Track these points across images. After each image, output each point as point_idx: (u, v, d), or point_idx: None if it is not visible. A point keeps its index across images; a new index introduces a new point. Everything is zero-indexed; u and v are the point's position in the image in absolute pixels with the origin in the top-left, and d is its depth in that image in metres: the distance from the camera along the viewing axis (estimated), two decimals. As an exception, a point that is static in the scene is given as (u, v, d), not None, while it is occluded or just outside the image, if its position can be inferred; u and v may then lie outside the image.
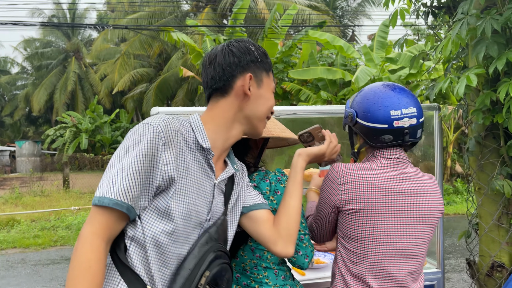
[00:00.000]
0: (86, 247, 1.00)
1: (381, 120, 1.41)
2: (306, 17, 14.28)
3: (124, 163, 1.05)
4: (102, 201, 1.02)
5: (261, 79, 1.28)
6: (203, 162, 1.20)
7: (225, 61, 1.24)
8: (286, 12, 10.67)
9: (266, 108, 1.29)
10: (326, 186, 1.46)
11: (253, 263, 1.46)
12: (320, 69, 8.92)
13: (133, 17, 16.51)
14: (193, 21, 11.68)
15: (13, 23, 8.23)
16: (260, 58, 1.28)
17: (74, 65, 27.67)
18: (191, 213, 1.13)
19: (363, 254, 1.40)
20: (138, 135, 1.08)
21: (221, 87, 1.24)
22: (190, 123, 1.22)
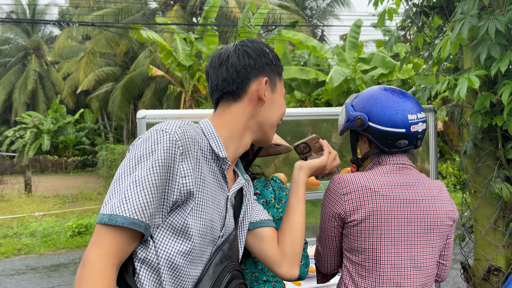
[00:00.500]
0: (96, 275, 0.87)
1: (399, 125, 1.36)
2: (277, 16, 14.26)
3: (137, 175, 0.92)
4: (115, 220, 0.88)
5: (275, 84, 1.20)
6: (218, 173, 1.10)
7: (239, 62, 1.15)
8: (258, 11, 10.59)
9: (279, 114, 1.22)
10: (328, 198, 1.39)
11: (255, 277, 1.41)
12: (293, 69, 8.89)
13: (98, 14, 15.95)
14: (162, 19, 11.39)
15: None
16: (275, 61, 1.20)
17: (34, 63, 26.52)
18: (207, 230, 1.03)
19: (371, 266, 1.33)
20: (152, 143, 0.95)
21: (234, 91, 1.14)
22: (202, 130, 1.11)
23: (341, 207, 1.33)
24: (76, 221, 8.00)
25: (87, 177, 17.44)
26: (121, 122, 22.85)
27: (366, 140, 1.46)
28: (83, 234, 7.67)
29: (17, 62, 27.74)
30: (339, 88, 8.52)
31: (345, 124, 1.49)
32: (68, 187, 14.27)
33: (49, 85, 27.36)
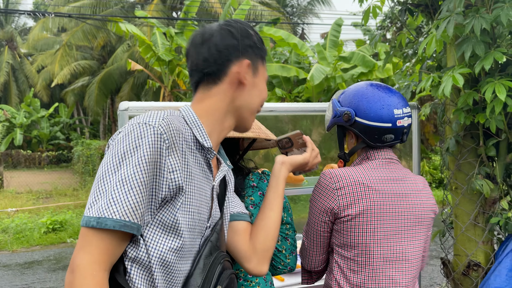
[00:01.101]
0: (87, 281, 0.82)
1: (385, 119, 1.37)
2: (259, 13, 14.23)
3: (124, 173, 0.86)
4: (104, 223, 0.83)
5: (257, 68, 1.14)
6: (203, 163, 1.05)
7: (222, 42, 1.08)
8: (240, 7, 10.53)
9: (260, 100, 1.16)
10: (320, 193, 1.37)
11: None
12: (274, 66, 8.89)
13: (75, 5, 15.54)
14: (142, 12, 11.20)
15: None
16: (258, 44, 1.14)
17: (7, 55, 25.68)
18: (195, 223, 0.99)
19: (364, 261, 1.33)
20: (136, 138, 0.89)
21: (214, 72, 1.08)
22: (184, 118, 1.05)
23: (335, 202, 1.33)
24: (50, 217, 7.79)
25: (61, 173, 17.04)
26: (97, 117, 22.38)
27: (353, 135, 1.47)
28: (57, 231, 7.48)
29: (-11, 54, 26.86)
30: (319, 86, 8.56)
31: (332, 119, 1.49)
32: (42, 183, 13.90)
33: (22, 78, 26.57)
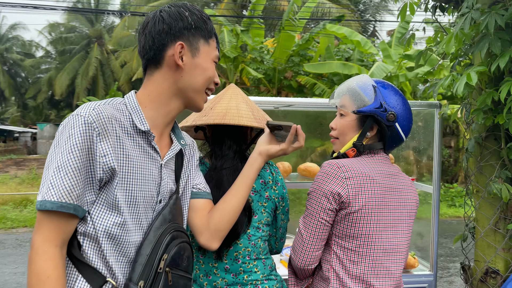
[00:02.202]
0: (40, 257, 0.97)
1: (406, 133, 1.48)
2: (326, 10, 14.07)
3: (59, 161, 0.98)
4: (44, 205, 0.97)
5: (197, 48, 1.16)
6: (145, 145, 1.13)
7: (154, 28, 1.14)
8: (305, 5, 10.54)
9: (203, 79, 1.18)
10: (326, 180, 1.37)
11: (247, 251, 1.46)
12: (336, 64, 8.78)
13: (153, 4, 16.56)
14: (211, 11, 11.65)
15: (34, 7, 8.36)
16: (196, 24, 1.16)
17: (96, 51, 28.05)
18: (137, 200, 1.09)
19: (364, 252, 1.36)
20: (69, 128, 1.00)
21: (153, 58, 1.15)
22: (126, 105, 1.13)
23: (343, 189, 1.33)
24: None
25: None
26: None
27: (377, 133, 1.46)
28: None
29: (81, 50, 29.46)
30: (381, 84, 8.31)
31: (372, 108, 1.42)
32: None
33: (108, 72, 28.81)
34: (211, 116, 1.46)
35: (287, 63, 9.81)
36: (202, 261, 1.47)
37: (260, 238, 1.48)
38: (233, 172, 1.44)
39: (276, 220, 1.57)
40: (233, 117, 1.44)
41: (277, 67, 9.83)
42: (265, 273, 1.48)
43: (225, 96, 1.54)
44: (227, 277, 1.43)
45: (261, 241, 1.49)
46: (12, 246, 6.46)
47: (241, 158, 1.49)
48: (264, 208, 1.49)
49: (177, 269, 1.12)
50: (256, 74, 9.27)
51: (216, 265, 1.45)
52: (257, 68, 9.79)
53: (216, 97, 1.56)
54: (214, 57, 1.22)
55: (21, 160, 21.64)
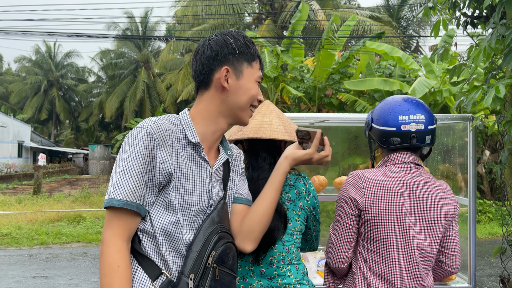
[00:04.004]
0: (111, 249, 1.12)
1: (390, 124, 1.54)
2: (367, 28, 14.09)
3: (124, 166, 1.14)
4: (112, 202, 1.12)
5: (241, 71, 1.30)
6: (196, 156, 1.27)
7: (204, 55, 1.30)
8: (345, 23, 10.64)
9: (247, 97, 1.32)
10: (347, 189, 1.53)
11: (281, 256, 1.56)
12: (376, 80, 8.76)
13: (197, 29, 17.27)
14: (252, 33, 12.01)
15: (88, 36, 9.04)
16: (240, 50, 1.30)
17: (143, 75, 29.43)
18: (189, 203, 1.23)
19: (384, 254, 1.48)
20: (134, 139, 1.17)
21: (203, 80, 1.31)
22: (180, 120, 1.29)
23: (360, 197, 1.48)
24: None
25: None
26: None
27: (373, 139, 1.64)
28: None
29: (129, 74, 31.00)
30: (424, 100, 8.19)
31: (364, 127, 1.71)
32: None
33: (155, 95, 30.06)
34: (246, 131, 1.59)
35: (327, 81, 9.90)
36: (239, 264, 1.57)
37: (294, 244, 1.59)
38: None
39: (309, 227, 1.69)
40: (266, 131, 1.56)
41: (317, 85, 9.93)
42: (298, 277, 1.58)
43: (260, 112, 1.66)
44: (262, 280, 1.55)
45: (294, 247, 1.60)
46: (67, 259, 6.86)
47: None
48: (298, 217, 1.60)
49: (223, 266, 1.24)
50: (296, 93, 9.42)
51: (252, 268, 1.56)
52: (297, 86, 9.94)
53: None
54: (257, 78, 1.35)
55: (74, 180, 22.85)
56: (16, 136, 27.84)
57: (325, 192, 2.38)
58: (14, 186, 18.60)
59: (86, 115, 35.30)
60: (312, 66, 10.63)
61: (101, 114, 32.76)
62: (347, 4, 20.24)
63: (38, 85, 36.01)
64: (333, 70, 9.82)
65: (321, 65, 9.70)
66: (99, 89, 36.37)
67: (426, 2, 2.59)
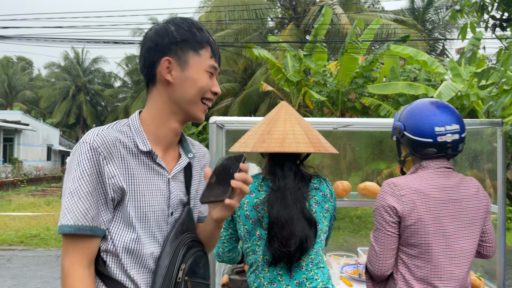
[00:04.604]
0: (71, 279, 1.04)
1: (426, 135, 1.56)
2: (391, 31, 13.90)
3: (71, 187, 1.05)
4: (63, 229, 1.04)
5: (186, 61, 1.16)
6: (150, 163, 1.17)
7: (144, 47, 1.19)
8: (369, 27, 10.54)
9: (196, 90, 1.18)
10: (384, 197, 1.56)
11: (310, 259, 1.59)
12: (401, 84, 8.63)
13: (220, 34, 17.42)
14: (274, 37, 12.03)
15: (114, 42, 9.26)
16: (183, 38, 1.16)
17: (167, 80, 29.82)
18: (147, 215, 1.14)
19: (426, 258, 1.51)
20: (78, 155, 1.07)
21: (147, 75, 1.19)
22: (129, 126, 1.18)
23: (399, 205, 1.52)
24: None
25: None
26: (237, 135, 24.19)
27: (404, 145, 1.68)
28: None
29: (154, 79, 31.52)
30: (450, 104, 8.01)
31: (392, 130, 1.74)
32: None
33: (179, 99, 30.45)
34: (270, 143, 1.59)
35: (351, 85, 9.81)
36: (267, 269, 1.58)
37: (320, 246, 1.62)
38: (296, 191, 1.57)
39: (329, 228, 1.73)
40: (291, 145, 1.57)
41: (341, 89, 9.86)
42: (324, 281, 1.59)
43: (279, 118, 1.66)
44: (291, 284, 1.55)
45: (321, 249, 1.63)
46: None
47: (300, 177, 1.63)
48: (324, 219, 1.63)
49: (195, 277, 1.17)
50: (319, 97, 9.37)
51: (280, 272, 1.56)
52: (320, 91, 9.90)
53: (270, 118, 1.68)
54: (207, 67, 1.19)
55: (100, 182, 23.26)
56: (46, 140, 28.71)
57: (348, 197, 2.37)
58: (43, 188, 19.15)
59: (112, 119, 36.04)
60: (335, 70, 10.56)
61: (126, 119, 33.37)
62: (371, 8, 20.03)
63: (66, 90, 37.08)
64: (356, 74, 9.73)
65: (344, 69, 9.64)
66: (125, 94, 37.11)
67: (452, 5, 2.54)
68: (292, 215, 1.51)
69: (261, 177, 1.67)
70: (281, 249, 1.50)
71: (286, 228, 1.50)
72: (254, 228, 1.60)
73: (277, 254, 1.51)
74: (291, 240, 1.49)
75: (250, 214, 1.60)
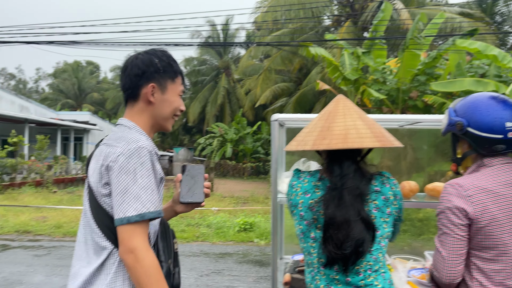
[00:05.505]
0: (149, 253, 1.30)
1: (497, 131, 1.46)
2: (457, 25, 13.16)
3: (143, 183, 1.32)
4: (147, 216, 1.31)
5: (165, 86, 1.51)
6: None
7: (132, 72, 1.49)
8: (432, 21, 10.06)
9: (171, 109, 1.54)
10: (451, 200, 1.47)
11: (369, 265, 1.49)
12: (468, 81, 8.14)
13: (276, 34, 17.47)
14: (331, 35, 11.84)
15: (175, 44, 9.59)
16: (164, 69, 1.50)
17: (224, 81, 30.48)
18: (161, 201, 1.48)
19: (504, 260, 1.43)
20: (139, 158, 1.34)
21: (130, 94, 1.50)
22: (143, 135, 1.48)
23: (468, 207, 1.43)
24: (243, 219, 8.97)
25: (259, 183, 19.09)
26: (292, 134, 24.11)
27: (465, 142, 1.57)
28: (247, 231, 8.56)
29: (211, 80, 32.30)
30: (524, 101, 7.42)
31: (446, 127, 1.62)
32: (242, 190, 15.92)
33: (234, 100, 30.95)
34: (332, 140, 1.48)
35: (412, 82, 9.41)
36: (323, 272, 1.51)
37: (381, 252, 1.51)
38: (354, 191, 1.45)
39: (395, 228, 1.62)
40: (355, 140, 1.45)
41: (401, 87, 9.49)
42: (385, 286, 1.49)
43: (338, 112, 1.55)
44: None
45: (382, 255, 1.51)
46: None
47: (360, 175, 1.51)
48: (386, 224, 1.51)
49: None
50: (378, 95, 9.08)
51: (337, 277, 1.49)
52: (379, 89, 9.59)
53: (328, 113, 1.57)
54: (179, 92, 1.56)
55: (160, 180, 24.20)
56: (110, 139, 30.25)
57: (416, 198, 2.26)
58: (108, 185, 20.17)
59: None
60: (395, 67, 10.19)
61: (184, 119, 34.45)
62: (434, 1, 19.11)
63: (129, 92, 38.92)
64: (418, 71, 9.31)
65: (405, 66, 9.25)
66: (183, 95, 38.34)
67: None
68: (348, 217, 1.42)
69: (318, 176, 1.58)
70: (335, 251, 1.42)
71: (342, 230, 1.41)
72: (309, 230, 1.52)
73: (331, 256, 1.44)
74: (347, 242, 1.41)
75: (305, 215, 1.53)
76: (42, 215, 10.29)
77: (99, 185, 1.37)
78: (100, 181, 1.36)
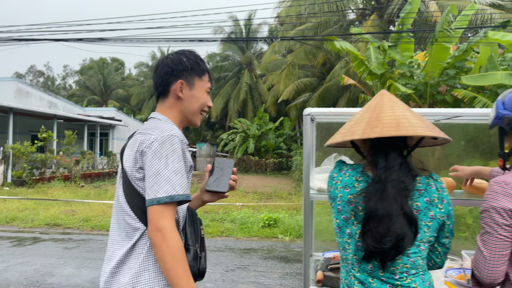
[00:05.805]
0: (175, 234, 1.36)
1: None
2: (487, 17, 12.73)
3: (173, 167, 1.41)
4: (176, 198, 1.38)
5: (193, 83, 1.62)
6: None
7: (162, 71, 1.63)
8: (462, 13, 9.75)
9: (199, 104, 1.65)
10: (497, 198, 1.41)
11: (405, 268, 1.43)
12: (501, 74, 7.86)
13: (299, 28, 17.31)
14: (357, 29, 11.64)
15: (199, 40, 9.62)
16: (191, 67, 1.62)
17: (246, 76, 30.47)
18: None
19: None
20: (171, 145, 1.43)
21: (162, 91, 1.63)
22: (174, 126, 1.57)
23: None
24: (267, 215, 8.95)
25: (281, 179, 19.02)
26: (315, 130, 23.92)
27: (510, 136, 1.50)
28: (272, 227, 8.54)
29: (233, 76, 32.36)
30: (561, 95, 7.11)
31: (493, 120, 1.55)
32: (265, 186, 15.90)
33: (257, 96, 30.92)
34: (384, 128, 1.42)
35: (441, 76, 9.16)
36: (357, 268, 1.48)
37: (420, 256, 1.44)
38: (398, 185, 1.39)
39: (440, 237, 1.52)
40: (408, 128, 1.40)
41: (429, 81, 9.25)
42: None
43: (384, 104, 1.51)
44: (383, 287, 1.43)
45: (420, 258, 1.45)
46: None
47: (406, 170, 1.44)
48: (427, 228, 1.44)
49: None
50: (405, 90, 8.87)
51: (372, 274, 1.44)
52: (406, 83, 9.36)
53: (374, 106, 1.53)
54: (206, 88, 1.67)
55: (183, 175, 24.43)
56: (135, 135, 30.79)
57: (453, 195, 2.17)
58: (133, 180, 20.53)
59: (194, 115, 37.64)
60: (423, 61, 9.93)
61: (207, 115, 34.70)
62: (463, -7, 18.51)
63: (153, 88, 39.47)
64: (447, 65, 9.05)
65: (434, 59, 9.00)
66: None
67: None
68: (390, 210, 1.35)
69: (360, 170, 1.52)
70: (374, 245, 1.36)
71: (382, 224, 1.35)
72: (345, 225, 1.48)
73: (369, 250, 1.39)
74: (387, 237, 1.35)
75: (342, 210, 1.49)
76: (71, 209, 10.55)
77: (133, 169, 1.47)
78: (135, 165, 1.46)
